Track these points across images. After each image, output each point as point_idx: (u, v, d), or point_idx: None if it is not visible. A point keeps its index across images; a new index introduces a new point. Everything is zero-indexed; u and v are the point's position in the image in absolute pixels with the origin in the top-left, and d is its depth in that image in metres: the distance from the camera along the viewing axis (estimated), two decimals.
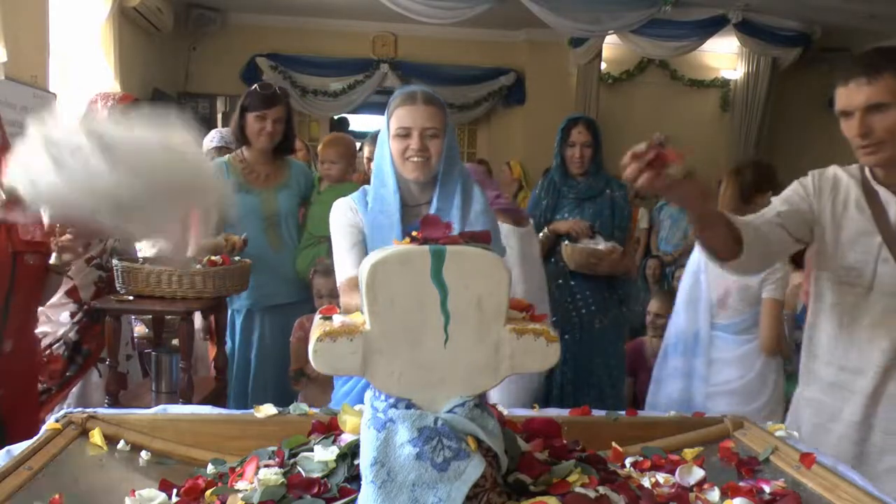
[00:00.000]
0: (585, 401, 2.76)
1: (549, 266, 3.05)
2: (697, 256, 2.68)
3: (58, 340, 2.69)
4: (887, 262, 1.71)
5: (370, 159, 4.13)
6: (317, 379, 2.73)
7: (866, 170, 1.78)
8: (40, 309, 2.58)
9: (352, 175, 3.45)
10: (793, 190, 1.86)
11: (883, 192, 1.74)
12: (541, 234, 3.03)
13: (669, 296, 4.00)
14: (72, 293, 2.72)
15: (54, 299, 2.63)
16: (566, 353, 2.89)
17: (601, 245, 2.89)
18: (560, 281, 3.02)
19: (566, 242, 2.95)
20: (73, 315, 2.72)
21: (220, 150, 3.55)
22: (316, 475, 1.04)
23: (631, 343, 3.69)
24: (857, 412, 1.75)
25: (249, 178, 2.94)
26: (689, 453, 1.30)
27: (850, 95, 1.65)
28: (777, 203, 1.84)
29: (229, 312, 2.97)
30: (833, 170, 1.86)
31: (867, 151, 1.66)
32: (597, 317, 2.99)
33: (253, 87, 3.00)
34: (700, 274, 2.69)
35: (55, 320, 2.69)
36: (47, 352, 2.65)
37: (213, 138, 3.68)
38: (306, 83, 8.19)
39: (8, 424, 2.00)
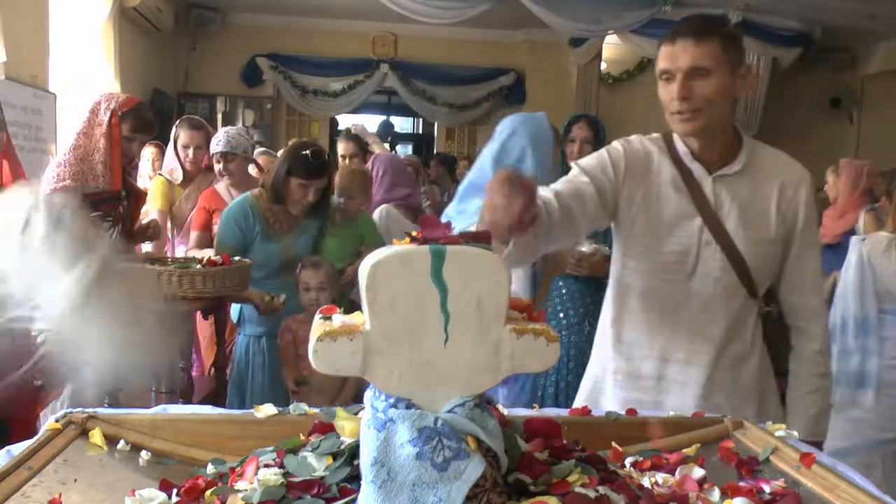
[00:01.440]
0: (569, 404, 2.75)
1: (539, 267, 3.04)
2: (860, 250, 3.12)
3: None
4: (710, 244, 1.64)
5: (344, 156, 4.02)
6: (319, 386, 2.68)
7: (677, 145, 1.68)
8: None
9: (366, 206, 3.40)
10: (598, 161, 1.69)
11: (697, 169, 1.66)
12: None
13: None
14: None
15: None
16: None
17: (584, 247, 2.88)
18: (549, 282, 3.01)
19: None
20: None
21: (226, 155, 3.37)
22: (315, 475, 1.04)
23: None
24: (692, 405, 1.64)
25: (273, 227, 2.89)
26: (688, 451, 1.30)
27: (676, 55, 1.57)
28: (578, 175, 1.66)
29: (242, 339, 2.94)
30: (640, 141, 1.73)
31: (684, 118, 1.59)
32: (586, 320, 2.97)
33: (304, 151, 2.84)
34: (865, 267, 3.12)
35: None
36: None
37: (219, 141, 3.43)
38: (306, 83, 8.20)
39: (10, 422, 2.00)
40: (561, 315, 2.97)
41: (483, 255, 0.95)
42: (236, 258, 2.71)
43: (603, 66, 8.16)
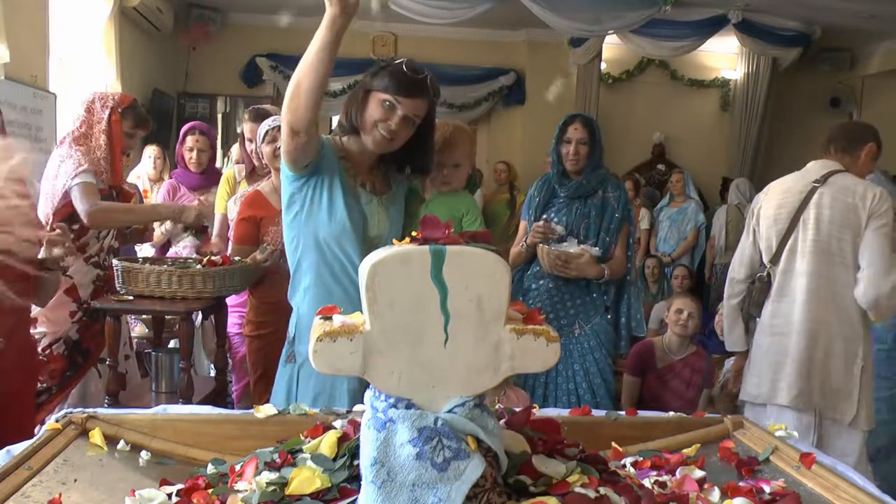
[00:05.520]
0: (560, 406, 2.73)
1: (533, 269, 3.02)
2: None
3: (57, 340, 2.69)
4: None
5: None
6: None
7: None
8: (39, 309, 2.58)
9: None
10: None
11: None
12: (523, 242, 2.98)
13: (692, 295, 4.02)
14: (71, 292, 2.71)
15: (54, 299, 2.63)
16: None
17: (572, 248, 2.84)
18: (541, 282, 2.98)
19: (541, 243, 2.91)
20: (72, 314, 2.72)
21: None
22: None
23: (640, 343, 3.54)
24: None
25: (350, 173, 1.98)
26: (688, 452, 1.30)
27: None
28: None
29: None
30: None
31: None
32: (576, 322, 2.93)
33: (395, 62, 1.95)
34: None
35: (54, 320, 2.69)
36: (47, 352, 2.65)
37: (274, 118, 2.94)
38: None
39: (2, 423, 1.99)
40: (551, 317, 2.90)
41: (483, 255, 0.95)
42: (236, 258, 2.67)
43: (603, 66, 8.14)
